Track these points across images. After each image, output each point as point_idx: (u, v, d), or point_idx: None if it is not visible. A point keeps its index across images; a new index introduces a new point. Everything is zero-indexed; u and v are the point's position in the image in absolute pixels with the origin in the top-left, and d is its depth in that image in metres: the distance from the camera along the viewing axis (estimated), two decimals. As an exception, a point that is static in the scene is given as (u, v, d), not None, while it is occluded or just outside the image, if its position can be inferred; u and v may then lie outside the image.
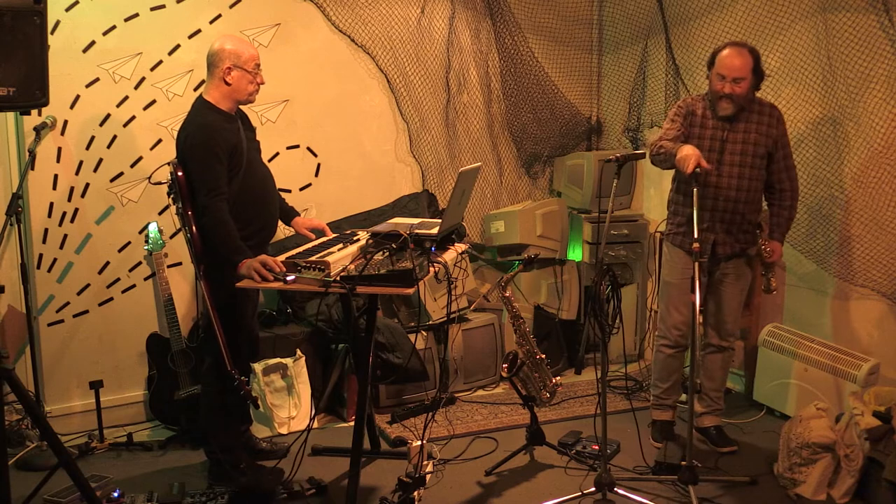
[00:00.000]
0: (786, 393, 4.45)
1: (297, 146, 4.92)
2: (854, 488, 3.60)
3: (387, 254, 3.41)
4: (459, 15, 5.26)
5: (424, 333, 4.80)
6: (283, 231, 4.12)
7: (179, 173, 3.51)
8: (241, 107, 3.74)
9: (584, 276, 5.38)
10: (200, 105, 3.63)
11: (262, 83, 3.70)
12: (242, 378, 3.61)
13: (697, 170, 3.64)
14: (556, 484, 3.82)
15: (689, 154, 3.66)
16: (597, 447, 3.97)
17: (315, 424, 4.35)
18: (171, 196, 3.56)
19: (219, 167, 3.52)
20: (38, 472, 3.60)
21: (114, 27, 4.36)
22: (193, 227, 3.51)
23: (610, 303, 3.72)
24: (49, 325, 4.40)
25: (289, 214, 4.01)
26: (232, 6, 4.62)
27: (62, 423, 4.37)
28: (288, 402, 4.43)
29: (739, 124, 3.89)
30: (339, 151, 5.04)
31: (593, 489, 3.62)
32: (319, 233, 3.97)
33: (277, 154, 4.80)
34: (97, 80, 4.36)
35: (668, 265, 4.15)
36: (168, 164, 3.58)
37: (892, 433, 3.42)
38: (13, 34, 3.33)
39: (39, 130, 4.12)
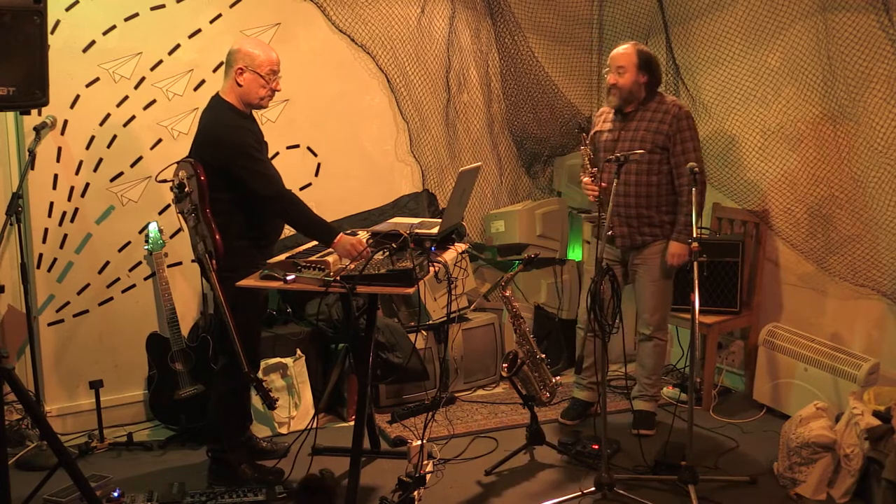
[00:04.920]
0: (785, 392, 4.45)
1: (298, 146, 4.92)
2: (854, 488, 3.60)
3: (387, 253, 3.42)
4: (459, 15, 5.26)
5: (424, 333, 4.80)
6: (283, 231, 4.12)
7: (202, 177, 3.49)
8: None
9: (584, 275, 5.38)
10: (221, 105, 3.62)
11: (277, 90, 3.68)
12: (264, 379, 3.63)
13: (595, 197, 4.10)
14: (555, 484, 3.82)
15: (583, 187, 4.22)
16: (597, 447, 3.97)
17: (315, 424, 4.35)
18: (175, 195, 3.52)
19: (262, 158, 3.61)
20: (38, 472, 3.58)
21: (114, 27, 4.36)
22: (213, 225, 3.50)
23: (610, 302, 3.73)
24: (49, 324, 4.40)
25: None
26: (232, 6, 4.62)
27: (62, 423, 4.38)
28: (288, 402, 4.43)
29: (632, 122, 4.15)
30: (340, 151, 5.04)
31: (593, 489, 3.63)
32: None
33: (278, 154, 4.80)
34: (97, 79, 4.35)
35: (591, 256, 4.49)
36: (177, 163, 3.57)
37: (892, 433, 3.41)
38: (13, 34, 3.34)
39: (39, 130, 4.11)
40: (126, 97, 4.44)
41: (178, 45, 4.51)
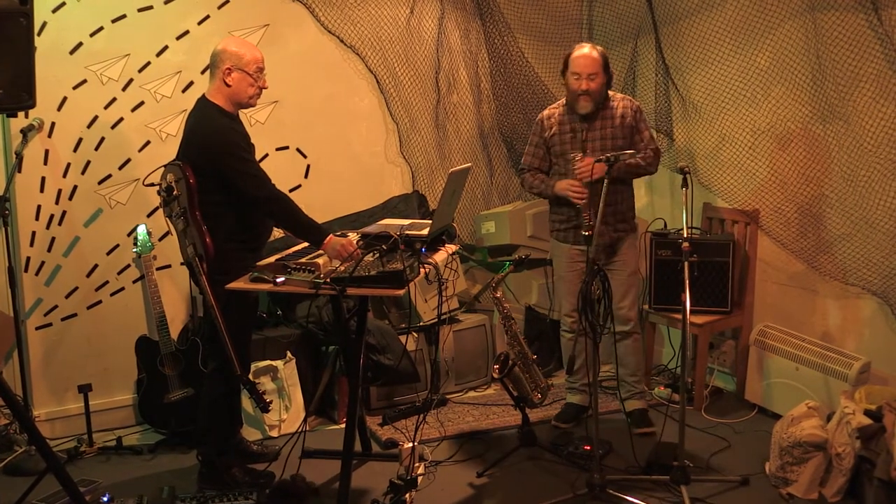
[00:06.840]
0: (777, 392, 4.46)
1: (287, 147, 4.90)
2: (845, 487, 3.60)
3: (377, 255, 3.40)
4: (449, 15, 5.25)
5: (415, 335, 4.79)
6: (272, 233, 4.10)
7: (192, 180, 3.47)
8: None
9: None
10: (209, 107, 3.59)
11: (265, 87, 3.68)
12: (257, 382, 3.63)
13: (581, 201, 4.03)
14: (547, 485, 3.81)
15: (565, 189, 4.11)
16: (588, 448, 3.96)
17: (306, 427, 4.34)
18: (163, 198, 3.50)
19: (251, 159, 3.60)
20: (27, 477, 3.57)
21: (101, 28, 4.34)
22: (203, 228, 3.48)
23: (600, 303, 3.72)
24: (37, 328, 4.37)
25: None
26: (220, 7, 4.60)
27: (51, 428, 4.36)
28: (278, 405, 4.41)
29: (596, 122, 4.22)
30: (329, 153, 5.03)
31: (585, 490, 3.62)
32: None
33: (267, 155, 4.78)
34: (84, 81, 4.33)
35: (556, 259, 4.50)
36: (164, 166, 3.55)
37: (884, 432, 3.42)
38: (-1, 35, 3.31)
39: (26, 133, 4.09)
40: (114, 99, 4.41)
41: (165, 47, 4.49)
